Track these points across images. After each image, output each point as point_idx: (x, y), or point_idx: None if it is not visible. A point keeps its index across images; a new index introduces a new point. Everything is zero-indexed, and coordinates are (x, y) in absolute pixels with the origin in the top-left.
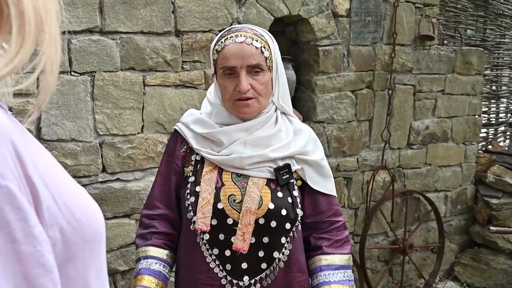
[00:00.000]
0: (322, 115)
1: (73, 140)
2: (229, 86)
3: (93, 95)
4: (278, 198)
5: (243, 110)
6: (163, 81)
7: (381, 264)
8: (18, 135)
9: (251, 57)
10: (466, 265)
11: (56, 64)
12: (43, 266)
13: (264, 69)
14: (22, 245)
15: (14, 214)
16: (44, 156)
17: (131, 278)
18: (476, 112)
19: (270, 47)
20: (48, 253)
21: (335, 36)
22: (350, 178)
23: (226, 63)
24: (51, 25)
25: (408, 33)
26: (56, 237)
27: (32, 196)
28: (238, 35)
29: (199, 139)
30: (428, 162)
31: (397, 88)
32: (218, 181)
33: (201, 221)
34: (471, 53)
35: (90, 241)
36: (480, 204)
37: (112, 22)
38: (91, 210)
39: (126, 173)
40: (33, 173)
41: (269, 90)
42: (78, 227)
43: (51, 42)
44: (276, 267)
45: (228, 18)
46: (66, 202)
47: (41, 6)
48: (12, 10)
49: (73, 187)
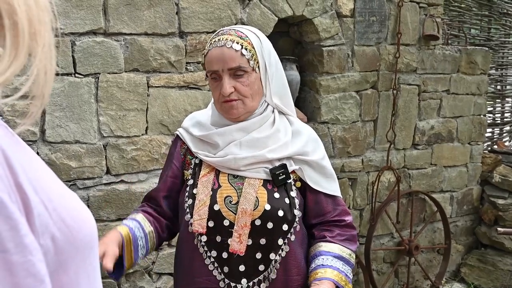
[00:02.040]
0: (327, 115)
1: (77, 142)
2: (215, 91)
3: (97, 96)
4: (275, 199)
5: (229, 111)
6: (167, 82)
7: (386, 266)
8: (7, 141)
9: (231, 60)
10: (473, 266)
11: (50, 75)
12: (34, 276)
13: (248, 71)
14: (12, 255)
15: (4, 223)
16: (34, 162)
17: (135, 281)
18: (482, 112)
19: (254, 47)
20: (40, 262)
21: (339, 36)
22: (355, 179)
23: (210, 67)
24: (44, 36)
25: (413, 33)
26: (47, 245)
27: (23, 203)
28: (220, 39)
29: (197, 142)
30: (434, 162)
31: (402, 88)
32: (215, 183)
33: (198, 223)
34: (476, 53)
35: (81, 247)
36: (486, 204)
37: (116, 24)
38: (82, 216)
39: (130, 174)
40: (23, 179)
41: (257, 90)
42: (69, 233)
43: (44, 53)
44: (272, 268)
45: (232, 19)
46: (56, 207)
47: (35, 16)
48: (6, 21)
49: (64, 192)
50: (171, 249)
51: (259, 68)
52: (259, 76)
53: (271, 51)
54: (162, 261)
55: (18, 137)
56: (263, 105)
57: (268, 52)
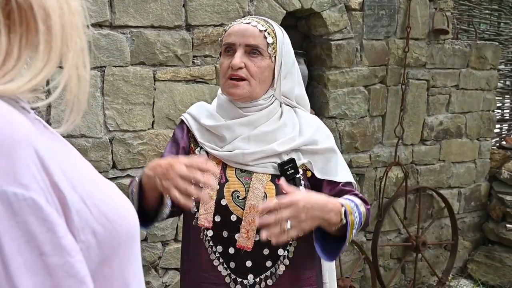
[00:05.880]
0: (335, 110)
1: (83, 136)
2: (225, 62)
3: (103, 90)
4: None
5: (232, 90)
6: (174, 76)
7: (393, 262)
8: (41, 139)
9: (251, 36)
10: (480, 262)
11: (84, 80)
12: (74, 277)
13: (263, 54)
14: (50, 257)
15: (40, 226)
16: (71, 157)
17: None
18: (491, 108)
19: (276, 36)
20: (79, 263)
21: (348, 30)
22: (363, 175)
23: (227, 39)
24: (76, 41)
25: (422, 27)
26: (89, 240)
27: (60, 203)
28: (247, 19)
29: (203, 132)
30: (442, 158)
31: (411, 83)
32: (222, 176)
33: (204, 217)
34: (486, 48)
35: (124, 240)
36: (494, 201)
37: (122, 16)
38: (124, 208)
39: (137, 169)
40: (59, 178)
41: (265, 77)
42: (111, 228)
43: (75, 59)
44: (280, 264)
45: (239, 12)
46: (97, 203)
47: (67, 22)
48: (40, 26)
49: (104, 186)
50: (177, 244)
51: (276, 59)
52: (273, 67)
53: (291, 51)
54: (168, 256)
55: (54, 132)
56: (271, 98)
57: (287, 50)
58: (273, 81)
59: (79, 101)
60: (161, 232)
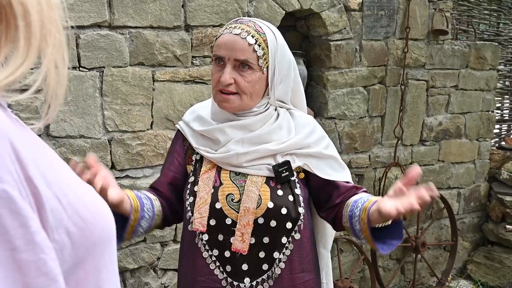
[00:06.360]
0: (334, 111)
1: (81, 136)
2: (216, 75)
3: (101, 91)
4: (278, 197)
5: (222, 104)
6: (173, 76)
7: (393, 262)
8: (17, 134)
9: (240, 51)
10: (480, 263)
11: (62, 74)
12: (46, 274)
13: (254, 68)
14: (22, 252)
15: (13, 219)
16: (47, 155)
17: (140, 276)
18: (490, 108)
19: (269, 46)
20: (52, 261)
21: (347, 30)
22: (362, 175)
23: (217, 51)
24: (55, 36)
25: (421, 27)
26: (63, 240)
27: (34, 199)
28: (237, 27)
29: (197, 137)
30: (441, 158)
31: (410, 83)
32: (216, 180)
33: (198, 221)
34: (486, 48)
35: (99, 241)
36: (493, 201)
37: (121, 17)
38: (99, 209)
39: (135, 170)
40: (34, 173)
41: (257, 90)
42: (86, 227)
43: (54, 53)
44: (276, 267)
45: (238, 12)
46: (71, 201)
47: (46, 17)
48: (20, 23)
49: (79, 186)
50: (176, 245)
51: (268, 69)
52: (265, 77)
53: (286, 53)
54: (167, 257)
55: (30, 130)
56: (266, 105)
57: (282, 54)
58: (267, 90)
59: (56, 96)
60: (160, 233)
